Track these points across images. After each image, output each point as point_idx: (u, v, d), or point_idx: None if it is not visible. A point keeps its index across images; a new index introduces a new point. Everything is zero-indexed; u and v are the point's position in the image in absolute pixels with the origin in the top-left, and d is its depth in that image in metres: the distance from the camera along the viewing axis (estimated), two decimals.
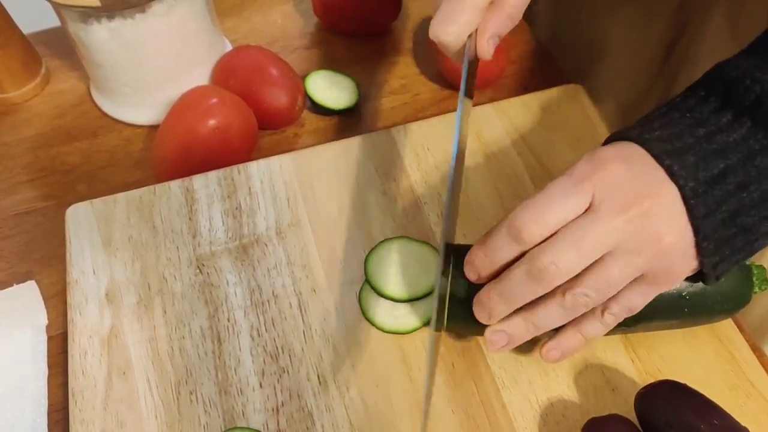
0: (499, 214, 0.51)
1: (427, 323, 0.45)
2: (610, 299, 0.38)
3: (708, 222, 0.35)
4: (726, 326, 0.45)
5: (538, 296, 0.37)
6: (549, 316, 0.38)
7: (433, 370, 0.42)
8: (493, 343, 0.40)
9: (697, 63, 0.59)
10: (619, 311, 0.38)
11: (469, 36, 0.41)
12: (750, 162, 0.36)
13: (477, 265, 0.39)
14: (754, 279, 0.42)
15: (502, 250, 0.38)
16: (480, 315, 0.40)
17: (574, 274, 0.36)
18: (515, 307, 0.38)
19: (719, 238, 0.36)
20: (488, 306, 0.39)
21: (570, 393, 0.43)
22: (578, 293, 0.36)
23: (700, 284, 0.40)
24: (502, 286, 0.38)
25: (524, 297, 0.38)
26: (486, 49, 0.41)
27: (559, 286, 0.37)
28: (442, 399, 0.43)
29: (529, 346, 0.44)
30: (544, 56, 0.67)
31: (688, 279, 0.39)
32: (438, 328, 0.39)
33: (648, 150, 0.37)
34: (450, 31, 0.40)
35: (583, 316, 0.39)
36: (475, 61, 0.42)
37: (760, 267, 0.43)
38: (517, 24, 0.42)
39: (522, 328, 0.39)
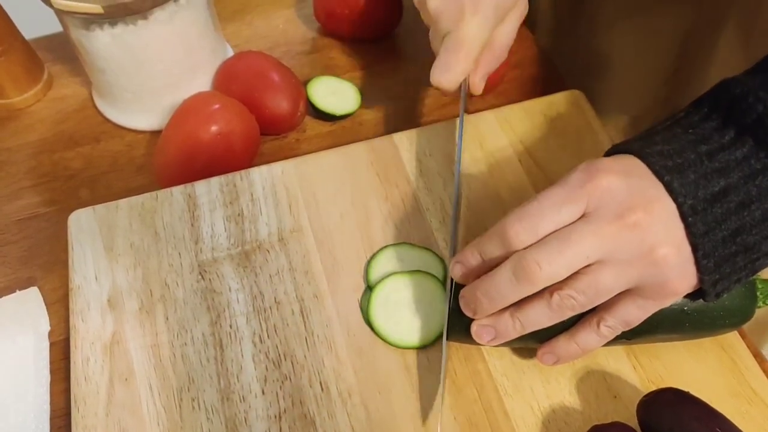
0: None
1: (428, 341, 0.45)
2: (605, 311, 0.38)
3: (708, 240, 0.35)
4: (728, 334, 0.45)
5: (521, 297, 0.38)
6: (536, 315, 0.38)
7: (444, 380, 0.42)
8: (479, 337, 0.40)
9: (706, 84, 0.59)
10: (615, 324, 0.38)
11: None
12: (751, 181, 0.36)
13: (465, 267, 0.40)
14: (758, 293, 0.42)
15: (492, 254, 0.38)
16: (466, 309, 0.40)
17: (560, 278, 0.36)
18: (498, 307, 0.39)
19: (719, 256, 0.36)
20: (473, 303, 0.39)
21: (572, 400, 0.43)
22: (564, 294, 0.37)
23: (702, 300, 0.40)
24: (487, 284, 0.38)
25: (507, 296, 0.38)
26: (478, 86, 0.50)
27: (548, 288, 0.37)
28: (445, 406, 0.43)
29: (530, 353, 0.44)
30: (545, 62, 0.67)
31: (687, 296, 0.39)
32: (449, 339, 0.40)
33: (648, 164, 0.37)
34: (448, 78, 0.46)
35: (580, 325, 0.39)
36: (464, 98, 0.48)
37: (765, 282, 0.42)
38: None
39: (509, 325, 0.39)
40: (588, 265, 0.36)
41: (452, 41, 0.46)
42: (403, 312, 0.46)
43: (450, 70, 0.46)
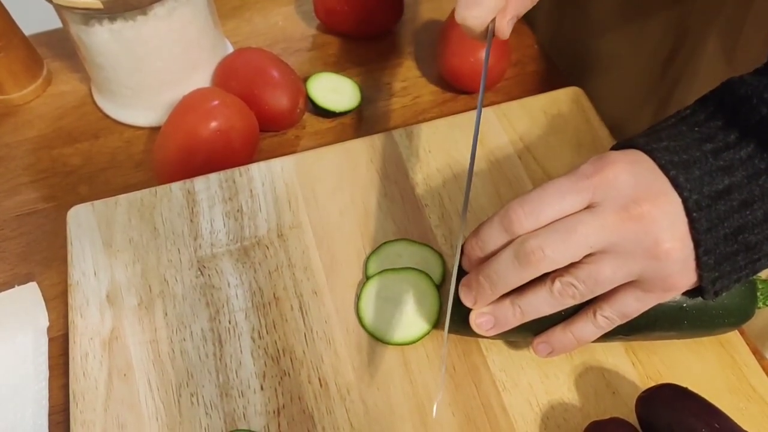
0: None
1: (416, 338, 0.45)
2: (603, 301, 0.38)
3: (710, 236, 0.35)
4: None
5: (523, 282, 0.38)
6: (536, 301, 0.38)
7: (444, 371, 0.42)
8: (478, 326, 0.40)
9: (693, 85, 0.59)
10: (612, 314, 0.38)
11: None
12: (755, 181, 0.36)
13: (468, 253, 0.40)
14: (758, 294, 0.41)
15: (493, 239, 0.38)
16: (465, 299, 0.40)
17: (562, 265, 0.37)
18: (500, 292, 0.39)
19: (720, 253, 0.36)
20: (474, 289, 0.39)
21: (571, 396, 0.43)
22: (565, 282, 0.37)
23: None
24: (489, 268, 0.38)
25: (509, 281, 0.38)
26: (505, 29, 0.43)
27: (549, 274, 0.37)
28: (443, 401, 0.43)
29: (529, 349, 0.44)
30: (545, 59, 0.67)
31: (686, 293, 0.39)
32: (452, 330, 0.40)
33: (654, 159, 0.37)
34: (476, 14, 0.41)
35: (576, 316, 0.40)
36: (490, 41, 0.43)
37: (766, 282, 0.42)
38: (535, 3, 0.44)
39: (509, 312, 0.39)
40: (591, 255, 0.36)
41: None
42: (391, 309, 0.46)
43: (479, 4, 0.41)
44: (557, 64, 0.66)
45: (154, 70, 0.58)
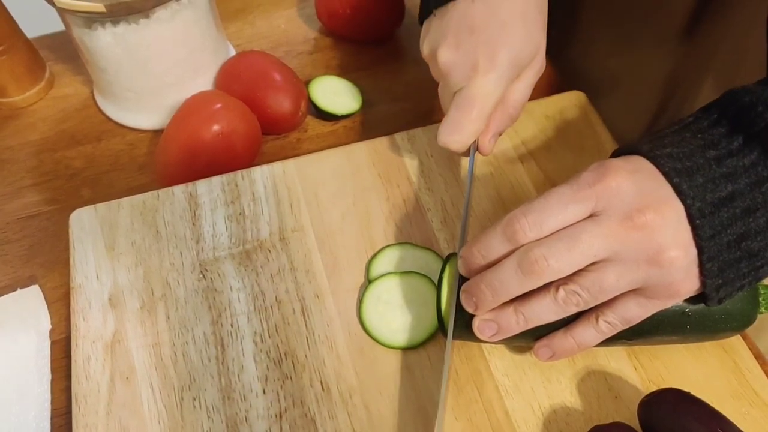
0: None
1: (419, 342, 0.45)
2: (605, 306, 0.38)
3: (713, 243, 0.35)
4: None
5: (525, 291, 0.38)
6: (540, 309, 0.38)
7: (448, 378, 0.42)
8: (481, 332, 0.40)
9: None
10: (614, 320, 0.38)
11: None
12: (757, 188, 0.36)
13: (469, 261, 0.40)
14: (760, 299, 0.41)
15: (496, 248, 0.38)
16: (467, 304, 0.40)
17: (565, 274, 0.37)
18: (502, 300, 0.38)
19: (724, 260, 0.36)
20: (475, 295, 0.39)
21: (573, 400, 0.43)
22: (569, 290, 0.37)
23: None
24: (491, 276, 0.38)
25: (511, 289, 0.38)
26: (488, 147, 0.46)
27: (552, 283, 0.37)
28: (446, 406, 0.43)
29: (531, 353, 0.44)
30: (547, 64, 0.66)
31: (690, 300, 0.39)
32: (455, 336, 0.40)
33: (657, 166, 0.37)
34: (457, 139, 0.44)
35: (578, 320, 0.39)
36: (473, 158, 0.46)
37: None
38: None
39: (512, 319, 0.39)
40: (594, 263, 0.36)
41: (464, 99, 0.43)
42: (394, 312, 0.46)
43: (460, 131, 0.43)
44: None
45: (156, 73, 0.58)
